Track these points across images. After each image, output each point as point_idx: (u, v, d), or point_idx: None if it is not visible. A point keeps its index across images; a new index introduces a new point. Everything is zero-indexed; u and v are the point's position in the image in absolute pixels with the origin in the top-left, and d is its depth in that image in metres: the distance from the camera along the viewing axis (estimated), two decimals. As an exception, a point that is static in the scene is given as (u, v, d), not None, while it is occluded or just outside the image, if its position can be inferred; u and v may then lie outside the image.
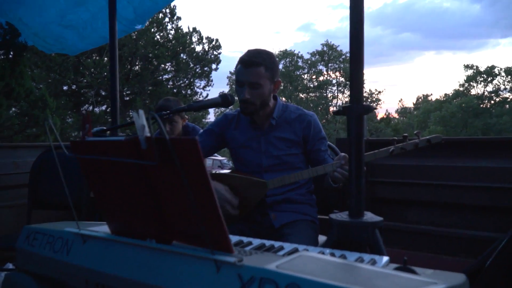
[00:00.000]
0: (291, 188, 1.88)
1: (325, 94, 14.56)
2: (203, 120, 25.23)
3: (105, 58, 15.91)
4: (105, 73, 16.08)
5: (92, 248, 1.04)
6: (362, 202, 1.27)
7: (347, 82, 15.29)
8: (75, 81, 16.55)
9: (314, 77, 14.16)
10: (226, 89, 29.08)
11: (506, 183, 2.07)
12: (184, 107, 1.51)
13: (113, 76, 2.55)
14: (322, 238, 2.01)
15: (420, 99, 42.05)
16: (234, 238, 1.28)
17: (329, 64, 14.67)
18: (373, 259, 0.92)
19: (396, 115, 41.16)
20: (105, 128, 1.88)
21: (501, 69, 15.72)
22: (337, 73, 14.81)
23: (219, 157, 25.60)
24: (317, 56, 14.82)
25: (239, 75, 1.81)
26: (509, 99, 14.91)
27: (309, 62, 15.17)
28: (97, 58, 16.31)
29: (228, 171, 1.98)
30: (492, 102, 15.23)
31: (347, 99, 15.31)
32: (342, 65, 14.88)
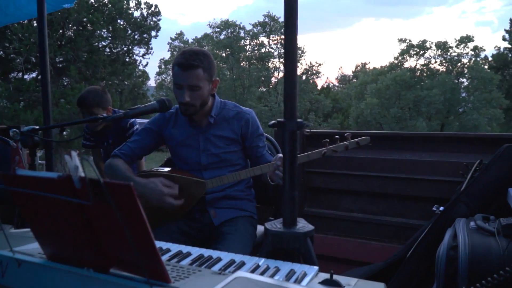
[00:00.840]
0: (230, 184, 1.93)
1: (267, 66, 14.61)
2: (143, 86, 24.38)
3: (35, 23, 14.76)
4: (33, 39, 14.95)
5: (28, 272, 1.03)
6: (295, 212, 1.35)
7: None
8: (2, 47, 15.27)
9: (256, 49, 14.12)
10: (167, 56, 28.15)
11: (428, 175, 2.26)
12: (120, 115, 1.49)
13: (43, 49, 2.32)
14: (260, 229, 2.11)
15: (358, 67, 43.53)
16: (173, 247, 1.32)
17: (271, 36, 14.67)
18: (303, 272, 1.00)
19: (336, 82, 42.41)
20: (37, 127, 1.80)
21: (432, 42, 16.53)
22: (279, 45, 14.87)
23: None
24: (259, 27, 14.74)
25: (177, 78, 1.79)
26: (439, 73, 15.82)
27: (251, 33, 15.05)
28: (26, 22, 15.09)
29: (168, 169, 1.99)
30: (424, 75, 16.07)
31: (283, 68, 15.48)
32: (283, 36, 14.94)
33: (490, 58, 22.72)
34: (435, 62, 16.64)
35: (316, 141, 2.56)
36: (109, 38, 20.57)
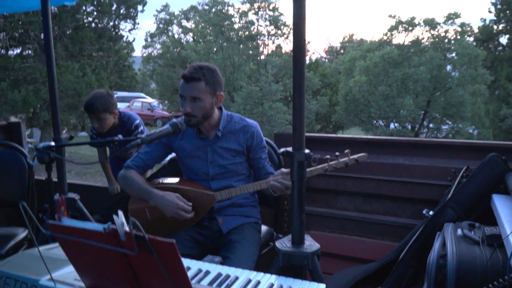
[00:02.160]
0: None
1: (256, 44, 14.55)
2: (128, 58, 23.96)
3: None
4: (17, 16, 14.54)
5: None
6: (303, 233, 1.49)
7: (278, 32, 15.33)
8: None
9: (245, 29, 14.00)
10: (152, 29, 27.61)
11: (418, 179, 2.43)
12: (137, 142, 1.59)
13: (49, 52, 2.35)
14: (264, 228, 2.26)
15: (346, 38, 43.34)
16: (192, 265, 1.46)
17: (259, 13, 14.53)
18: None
19: (323, 53, 42.24)
20: (52, 144, 1.89)
21: (421, 19, 16.53)
22: (267, 22, 14.76)
23: (149, 99, 24.91)
24: (247, 5, 14.58)
25: (181, 89, 1.91)
26: (426, 49, 15.91)
27: (239, 11, 14.88)
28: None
29: (177, 179, 2.11)
30: (412, 51, 16.15)
31: (273, 47, 15.49)
32: (272, 13, 14.80)
33: (476, 30, 22.88)
34: (423, 38, 16.68)
35: (317, 145, 2.70)
36: (95, 13, 20.09)
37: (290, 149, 1.44)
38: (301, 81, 1.36)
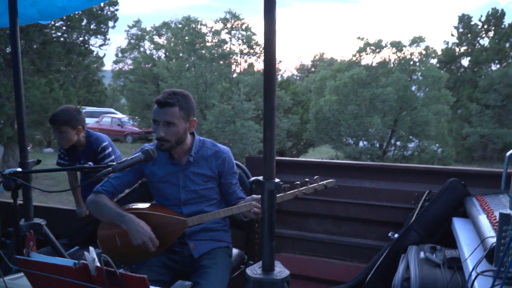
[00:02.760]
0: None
1: (229, 62, 14.67)
2: (98, 72, 23.63)
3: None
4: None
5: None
6: (273, 260, 1.52)
7: (250, 51, 15.54)
8: None
9: (217, 47, 14.12)
10: (124, 44, 27.32)
11: (384, 202, 2.52)
12: (108, 170, 1.59)
13: (16, 70, 2.33)
14: (235, 251, 2.28)
15: (316, 57, 44.31)
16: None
17: (232, 32, 14.70)
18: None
19: (295, 71, 42.97)
20: (18, 170, 1.86)
21: (388, 41, 17.17)
22: (240, 42, 14.96)
23: (119, 115, 24.50)
24: (220, 24, 14.75)
25: (155, 114, 1.93)
26: (392, 71, 16.48)
27: (212, 30, 15.01)
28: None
29: (148, 204, 2.11)
30: (380, 72, 16.70)
31: (245, 66, 15.67)
32: (245, 33, 15.02)
33: (440, 53, 23.89)
34: (390, 60, 17.28)
35: (285, 168, 2.75)
36: (64, 27, 19.78)
37: (260, 178, 1.48)
38: (272, 114, 1.41)
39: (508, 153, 1.34)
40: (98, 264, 0.97)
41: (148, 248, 1.90)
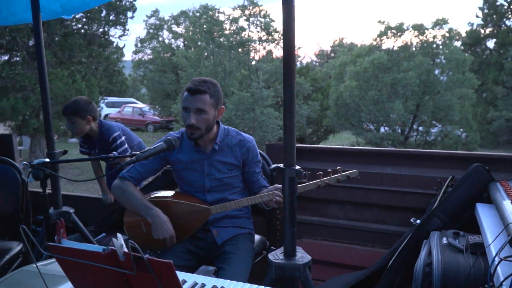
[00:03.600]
0: None
1: (247, 50, 14.62)
2: (118, 63, 23.91)
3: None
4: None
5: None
6: (294, 245, 1.55)
7: (269, 38, 15.43)
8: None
9: (236, 34, 14.08)
10: (143, 34, 27.47)
11: (406, 188, 2.51)
12: (132, 159, 1.63)
13: (41, 65, 2.39)
14: (257, 238, 2.32)
15: (336, 42, 43.74)
16: (187, 278, 1.51)
17: (251, 19, 14.61)
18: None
19: (314, 57, 42.61)
20: (46, 160, 1.93)
21: (409, 24, 16.78)
22: (258, 29, 14.85)
23: (140, 105, 24.81)
24: (238, 11, 14.67)
25: (185, 102, 1.95)
26: (414, 54, 16.13)
27: (230, 17, 14.95)
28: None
29: (172, 192, 2.15)
30: (401, 56, 16.38)
31: (264, 53, 15.58)
32: (263, 20, 14.90)
33: (464, 35, 23.22)
34: (412, 44, 16.91)
35: (306, 155, 2.76)
36: (84, 19, 20.03)
37: (281, 165, 1.50)
38: (291, 103, 1.42)
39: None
40: (126, 250, 1.01)
41: (167, 244, 1.95)
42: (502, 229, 1.57)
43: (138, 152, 1.66)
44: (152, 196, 2.11)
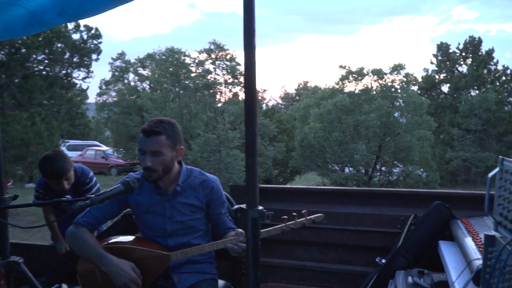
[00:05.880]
0: None
1: (213, 92, 14.78)
2: (81, 105, 23.44)
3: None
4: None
5: None
6: (259, 288, 1.48)
7: (234, 80, 15.72)
8: None
9: (201, 77, 14.26)
10: (107, 76, 27.31)
11: (370, 227, 2.50)
12: (87, 203, 1.55)
13: None
14: (220, 283, 2.22)
15: (301, 85, 45.07)
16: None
17: (217, 62, 14.89)
18: None
19: (279, 100, 43.65)
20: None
21: (369, 69, 17.59)
22: (224, 72, 15.14)
23: (103, 147, 24.23)
24: (204, 54, 14.93)
25: (141, 144, 1.89)
26: (375, 98, 16.82)
27: (196, 60, 15.18)
28: None
29: (132, 238, 2.05)
30: (362, 98, 17.02)
31: (230, 95, 15.79)
32: (229, 63, 15.22)
33: (420, 80, 24.53)
34: (372, 87, 17.65)
35: (271, 196, 2.73)
36: (46, 61, 19.77)
37: (244, 206, 1.45)
38: (254, 142, 1.41)
39: (489, 175, 1.35)
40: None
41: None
42: (465, 267, 1.57)
43: (93, 195, 1.58)
44: (109, 242, 2.00)
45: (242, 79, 15.80)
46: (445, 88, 25.67)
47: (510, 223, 1.23)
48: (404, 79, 17.23)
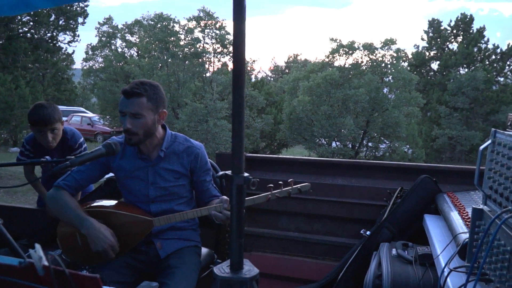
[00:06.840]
0: None
1: (202, 61, 14.50)
2: (68, 71, 22.83)
3: None
4: None
5: None
6: (241, 258, 1.45)
7: (224, 50, 15.44)
8: None
9: (191, 46, 13.93)
10: (94, 42, 26.64)
11: (356, 199, 2.49)
12: (66, 164, 1.48)
13: None
14: (204, 251, 2.20)
15: (291, 58, 44.72)
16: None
17: (206, 31, 14.55)
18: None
19: (269, 72, 43.33)
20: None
21: (360, 43, 17.43)
22: (214, 40, 14.82)
23: (90, 114, 23.86)
24: (193, 22, 14.56)
25: (121, 105, 1.83)
26: (365, 72, 16.75)
27: (185, 28, 14.79)
28: None
29: (114, 202, 2.00)
30: (352, 73, 16.95)
31: (219, 65, 15.55)
32: (219, 32, 14.88)
33: (410, 56, 24.46)
34: (362, 62, 17.54)
35: (257, 165, 2.69)
36: (31, 23, 19.18)
37: (229, 172, 1.41)
38: (241, 107, 1.35)
39: (481, 147, 1.32)
40: (46, 263, 0.87)
41: (109, 255, 1.80)
42: (450, 240, 1.57)
43: (72, 157, 1.51)
44: (91, 205, 1.95)
45: (231, 48, 15.47)
46: (434, 65, 25.67)
47: (500, 196, 1.21)
48: (395, 55, 17.15)
